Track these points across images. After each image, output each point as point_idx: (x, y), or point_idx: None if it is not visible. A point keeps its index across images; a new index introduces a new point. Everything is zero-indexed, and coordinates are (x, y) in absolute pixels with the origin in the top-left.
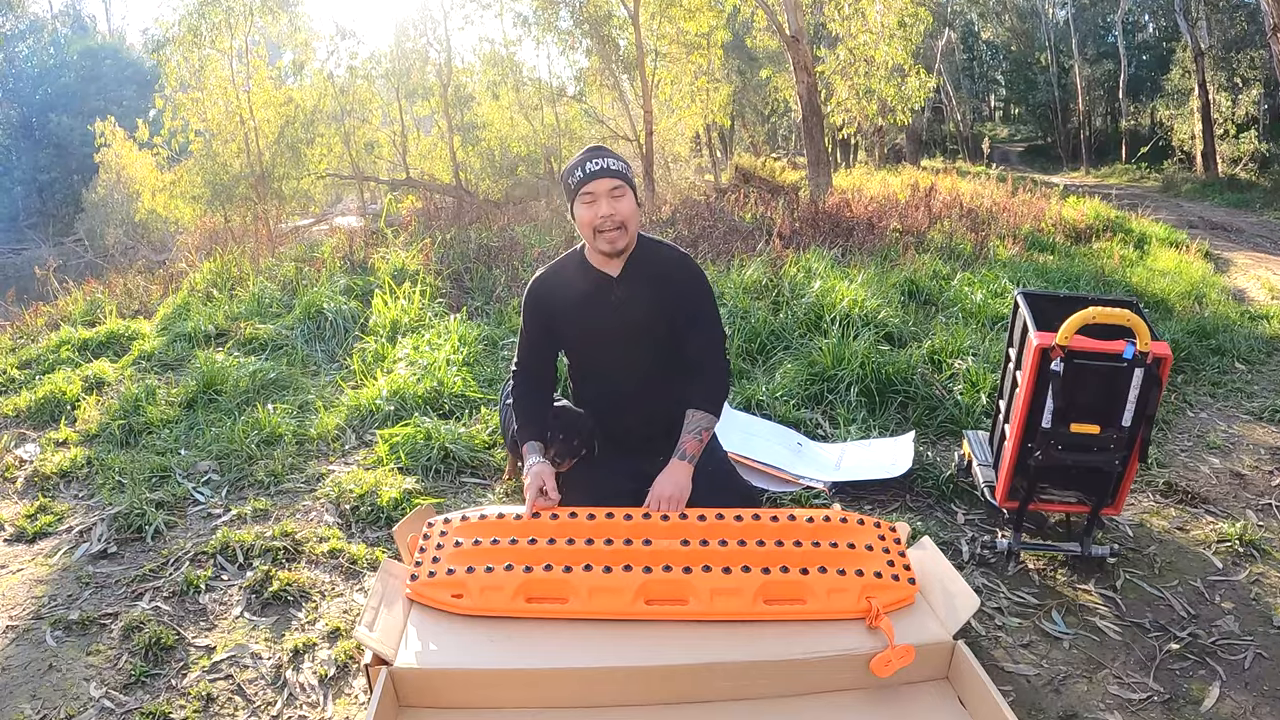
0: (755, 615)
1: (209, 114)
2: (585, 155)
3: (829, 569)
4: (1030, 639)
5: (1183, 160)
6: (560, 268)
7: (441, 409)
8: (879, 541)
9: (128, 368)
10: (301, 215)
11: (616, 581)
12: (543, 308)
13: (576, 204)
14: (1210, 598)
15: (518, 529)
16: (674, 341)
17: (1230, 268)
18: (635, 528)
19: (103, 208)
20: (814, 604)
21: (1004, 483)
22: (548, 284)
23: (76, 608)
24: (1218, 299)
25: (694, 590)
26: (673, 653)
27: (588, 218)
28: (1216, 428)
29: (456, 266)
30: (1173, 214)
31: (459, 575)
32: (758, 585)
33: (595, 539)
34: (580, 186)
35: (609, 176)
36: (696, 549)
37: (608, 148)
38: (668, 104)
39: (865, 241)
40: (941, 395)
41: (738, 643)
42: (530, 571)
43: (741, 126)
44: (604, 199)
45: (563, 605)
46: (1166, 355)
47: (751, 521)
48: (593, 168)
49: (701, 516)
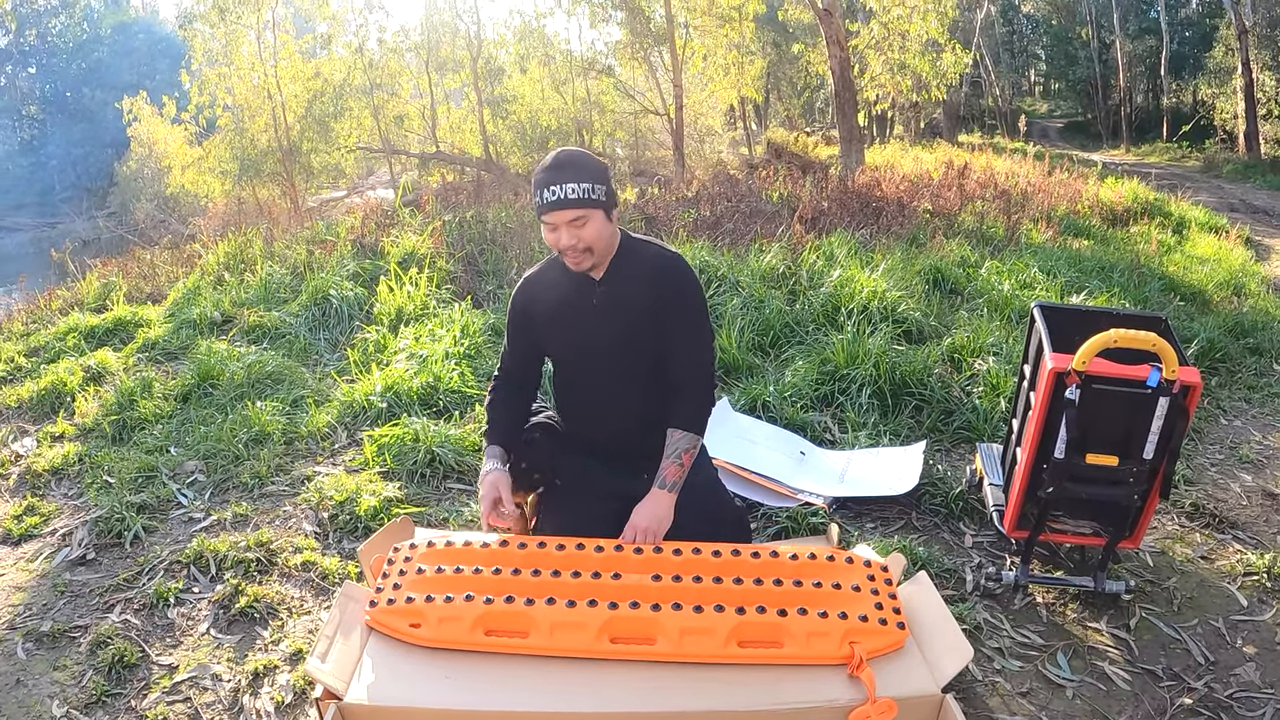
0: (727, 658)
1: (236, 89)
2: (545, 176)
3: (809, 610)
4: (1031, 685)
5: (1224, 140)
6: (546, 268)
7: (436, 406)
8: (867, 582)
9: (130, 357)
10: (332, 188)
11: (580, 617)
12: (525, 311)
13: (541, 221)
14: (1231, 640)
15: (484, 557)
16: (658, 347)
17: (1271, 255)
18: (605, 560)
19: (135, 182)
20: (791, 648)
21: (1013, 510)
22: (531, 286)
23: (50, 618)
24: (1258, 290)
25: (662, 629)
26: (635, 699)
27: (550, 240)
28: (1251, 438)
29: (470, 249)
30: (1213, 196)
31: (418, 604)
32: (731, 626)
33: (562, 570)
34: (539, 211)
35: (567, 208)
36: (668, 585)
37: (576, 157)
38: (700, 77)
39: (894, 224)
40: (959, 399)
41: (705, 690)
42: (491, 603)
43: (777, 99)
44: (564, 229)
45: (523, 640)
46: (1196, 384)
47: (730, 557)
48: (549, 197)
49: (677, 551)
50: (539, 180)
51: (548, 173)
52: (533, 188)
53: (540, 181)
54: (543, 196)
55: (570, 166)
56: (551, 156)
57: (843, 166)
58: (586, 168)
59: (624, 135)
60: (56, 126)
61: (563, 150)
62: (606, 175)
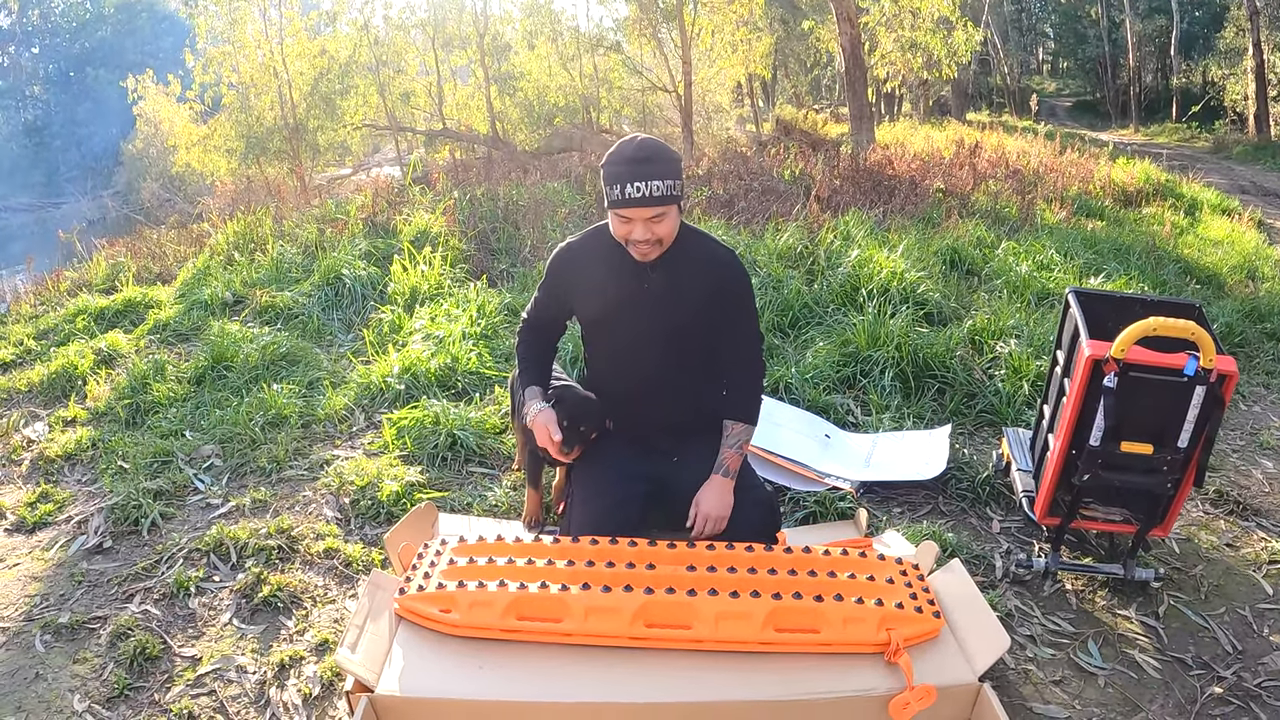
0: (764, 644)
1: (242, 67)
2: (628, 170)
3: (845, 597)
4: (1063, 674)
5: (1234, 121)
6: (592, 239)
7: (454, 388)
8: (900, 576)
9: (141, 339)
10: (339, 166)
11: (614, 602)
12: (566, 279)
13: (611, 214)
14: (1259, 629)
15: (513, 549)
16: (706, 339)
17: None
18: (639, 553)
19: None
20: (828, 633)
21: (1045, 497)
22: (576, 256)
23: (67, 609)
24: (1272, 274)
25: (698, 614)
26: (673, 688)
27: (620, 233)
28: (1271, 425)
29: (483, 227)
30: (1224, 178)
31: (449, 590)
32: (767, 611)
33: (595, 561)
34: (616, 206)
35: (650, 205)
36: (703, 574)
37: (659, 150)
38: (708, 54)
39: (907, 203)
40: (981, 382)
41: (743, 678)
42: (523, 588)
43: (784, 76)
44: (641, 224)
45: (557, 626)
46: (1232, 372)
47: (763, 552)
48: (633, 193)
49: (710, 546)
50: (619, 173)
51: (630, 166)
52: (608, 178)
53: (621, 175)
54: (624, 192)
55: (655, 161)
56: (632, 147)
57: (854, 144)
58: (669, 161)
59: (631, 112)
60: (60, 107)
61: (642, 140)
62: (681, 167)
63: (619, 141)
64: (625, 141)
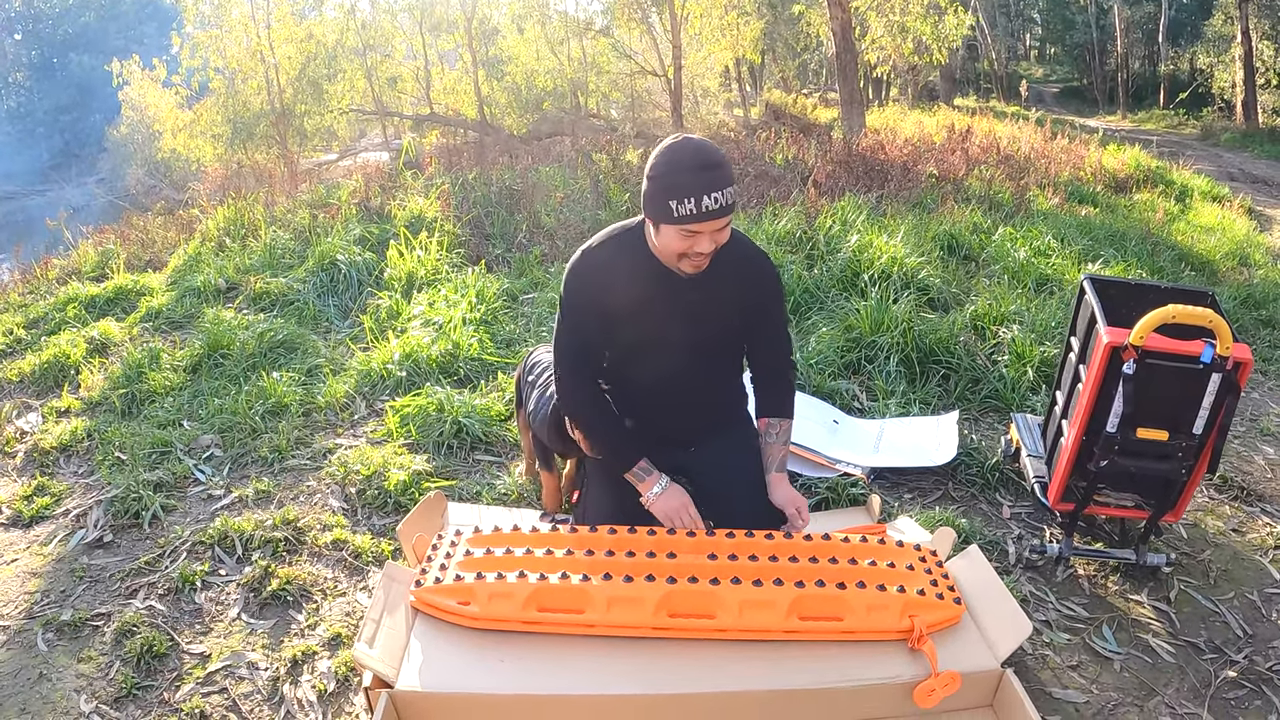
0: (788, 633)
1: (229, 51)
2: (703, 179)
3: (868, 585)
4: (1079, 659)
5: (1222, 108)
6: (617, 253)
7: (456, 374)
8: (920, 563)
9: (134, 327)
10: (325, 151)
11: (637, 592)
12: (596, 302)
13: (670, 229)
14: (1267, 613)
15: (529, 539)
16: (737, 340)
17: (1273, 225)
18: (659, 541)
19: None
20: (852, 621)
21: (1059, 483)
22: (601, 272)
23: (69, 606)
24: (1263, 261)
25: (722, 603)
26: (698, 678)
27: (678, 248)
28: (1270, 411)
29: (477, 211)
30: (1212, 164)
31: (467, 582)
32: (791, 599)
33: (615, 550)
34: (687, 221)
35: (724, 215)
36: (725, 563)
37: (720, 154)
38: (697, 38)
39: (901, 188)
40: (985, 368)
41: (768, 667)
42: (543, 579)
43: (772, 61)
44: (706, 237)
45: (578, 617)
46: (1247, 360)
47: (783, 540)
48: (711, 205)
49: (730, 534)
50: (688, 183)
51: (701, 174)
52: (671, 190)
53: (691, 186)
54: (700, 205)
55: (723, 165)
56: (693, 153)
57: (845, 129)
58: (729, 165)
59: (620, 97)
60: (44, 93)
61: (698, 142)
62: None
63: (668, 148)
64: (677, 146)
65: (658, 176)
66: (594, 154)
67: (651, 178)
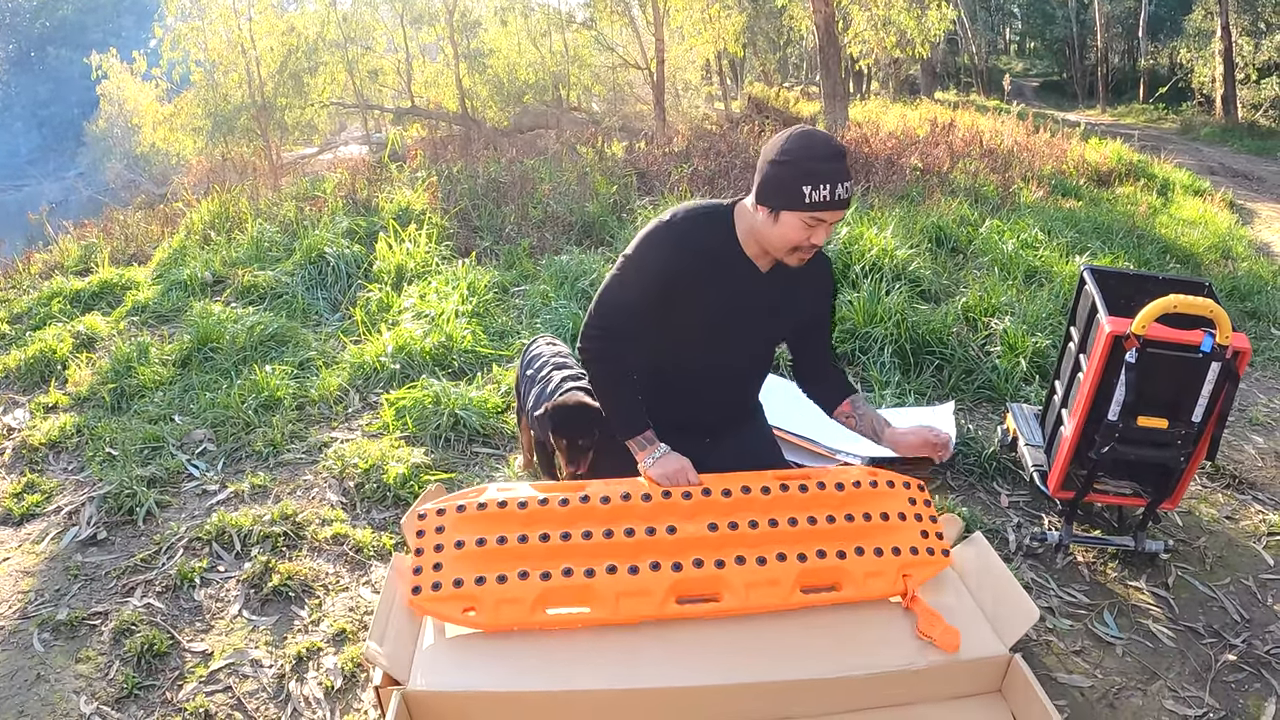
0: (792, 605)
1: (210, 44)
2: (833, 168)
3: (866, 549)
4: (1082, 644)
5: (1202, 103)
6: (706, 234)
7: (450, 367)
8: (910, 507)
9: (121, 321)
10: (305, 145)
11: (645, 584)
12: (668, 273)
13: (794, 216)
14: (1263, 599)
15: (523, 519)
16: (788, 336)
17: (1254, 219)
18: (655, 510)
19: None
20: (850, 589)
21: (1059, 472)
22: (684, 248)
23: (65, 605)
24: (1246, 254)
25: (728, 585)
26: (708, 671)
27: (796, 239)
28: (1258, 401)
29: (464, 204)
30: (1193, 158)
31: (468, 588)
32: (795, 574)
33: (614, 529)
34: (819, 209)
35: (848, 207)
36: (725, 534)
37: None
38: (679, 31)
39: (887, 181)
40: (978, 358)
41: (779, 660)
42: (549, 579)
43: (753, 54)
44: (825, 228)
45: (587, 613)
46: (1246, 349)
47: (780, 494)
48: (842, 194)
49: (726, 491)
50: (823, 171)
51: (834, 164)
52: (803, 176)
53: (825, 174)
54: (834, 193)
55: (846, 156)
56: (824, 142)
57: (828, 122)
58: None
59: (602, 90)
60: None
61: (824, 133)
62: None
63: (800, 134)
64: (810, 135)
65: (791, 162)
66: (579, 147)
67: (782, 163)
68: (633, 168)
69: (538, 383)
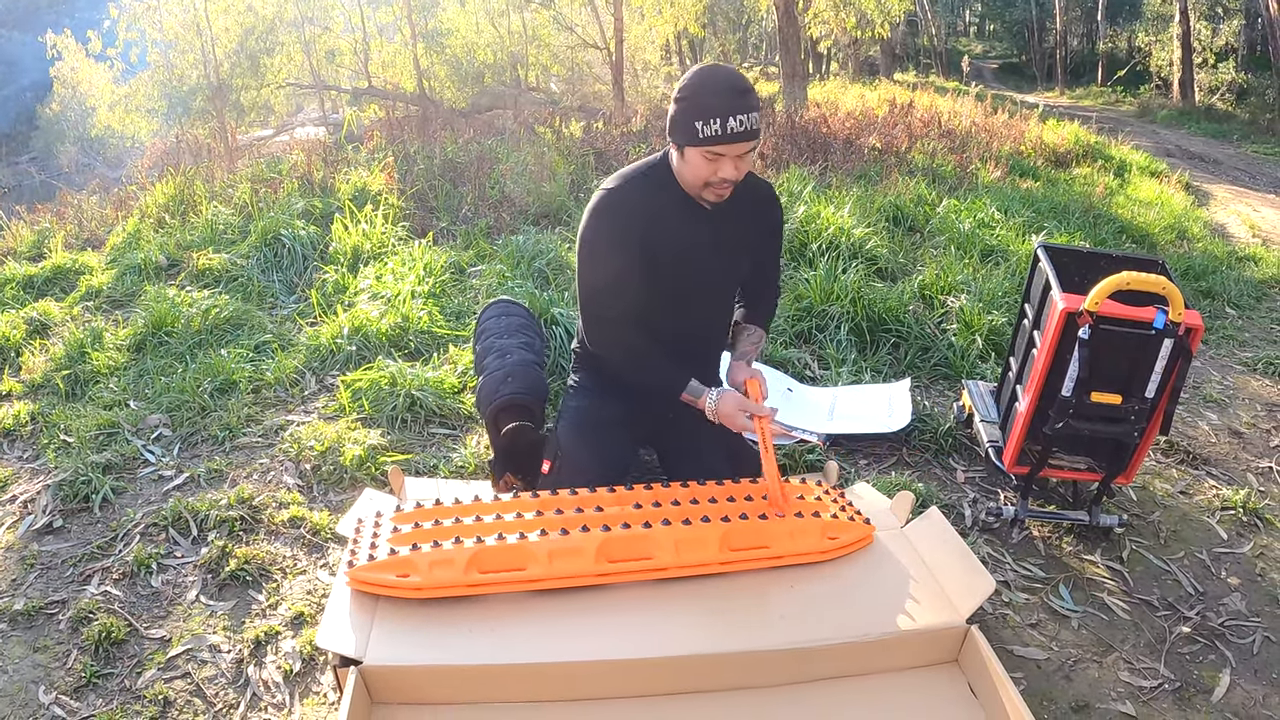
0: (723, 564)
1: (165, 24)
2: (731, 102)
3: (787, 514)
4: (1039, 617)
5: (1159, 86)
6: (645, 190)
7: (407, 348)
8: (825, 495)
9: (74, 307)
10: (261, 126)
11: (576, 543)
12: (631, 233)
13: (695, 151)
14: (1216, 572)
15: (456, 510)
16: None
17: (1210, 201)
18: (584, 499)
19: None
20: (778, 547)
21: (1014, 447)
22: (631, 209)
23: (21, 595)
24: (1201, 234)
25: (658, 544)
26: (662, 644)
27: (704, 174)
28: (1211, 378)
29: (421, 185)
30: (1150, 140)
31: (403, 555)
32: (720, 533)
33: (544, 510)
34: (712, 142)
35: (751, 139)
36: (650, 510)
37: (746, 80)
38: (639, 11)
39: (845, 161)
40: (934, 336)
41: (732, 632)
42: (481, 543)
43: (713, 35)
44: (730, 162)
45: (521, 574)
46: (1198, 326)
47: (698, 486)
48: (736, 127)
49: (648, 486)
50: (718, 105)
51: (732, 97)
52: (700, 111)
53: (721, 108)
54: (725, 126)
55: (752, 91)
56: (725, 76)
57: (787, 103)
58: (756, 93)
59: (560, 70)
60: None
61: (729, 68)
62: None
63: (696, 71)
64: (709, 71)
65: (685, 98)
66: (537, 127)
67: (679, 100)
68: (590, 148)
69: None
